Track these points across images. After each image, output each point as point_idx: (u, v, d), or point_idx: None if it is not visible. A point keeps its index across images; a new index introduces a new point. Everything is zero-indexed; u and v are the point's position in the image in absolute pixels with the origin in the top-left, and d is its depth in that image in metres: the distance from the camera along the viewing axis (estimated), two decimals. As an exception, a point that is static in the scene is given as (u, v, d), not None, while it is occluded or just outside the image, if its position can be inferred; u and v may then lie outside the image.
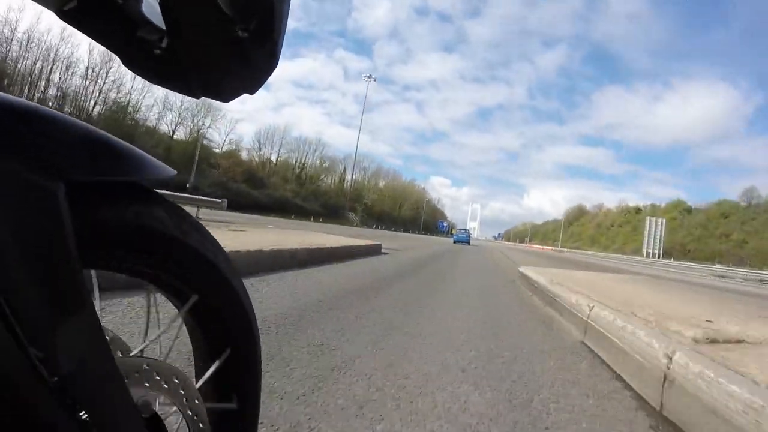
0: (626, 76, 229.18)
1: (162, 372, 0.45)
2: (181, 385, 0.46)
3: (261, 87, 0.46)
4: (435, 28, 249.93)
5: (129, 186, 0.41)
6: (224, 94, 0.46)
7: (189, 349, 0.56)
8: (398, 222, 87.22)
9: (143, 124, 49.84)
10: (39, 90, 41.01)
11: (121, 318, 1.76)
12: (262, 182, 60.11)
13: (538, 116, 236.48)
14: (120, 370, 0.36)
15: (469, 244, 32.38)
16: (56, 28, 39.95)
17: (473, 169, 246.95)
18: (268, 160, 68.77)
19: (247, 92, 0.47)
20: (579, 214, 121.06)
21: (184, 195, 14.40)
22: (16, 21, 38.86)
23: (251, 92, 0.47)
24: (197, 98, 0.45)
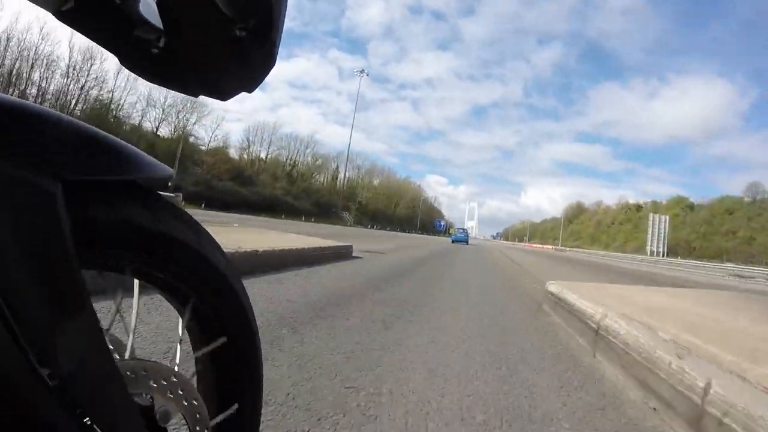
0: (622, 73, 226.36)
1: (162, 373, 0.44)
2: (181, 386, 0.45)
3: (259, 86, 0.46)
4: (430, 27, 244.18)
5: (127, 185, 0.40)
6: (222, 93, 0.46)
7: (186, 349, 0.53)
8: (394, 221, 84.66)
9: (126, 122, 47.47)
10: (18, 89, 38.62)
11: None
12: (251, 180, 57.61)
13: (534, 114, 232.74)
14: (120, 371, 0.36)
15: (468, 244, 32.27)
16: (36, 27, 37.69)
17: (470, 168, 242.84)
18: (258, 158, 66.26)
19: (246, 91, 0.47)
20: (578, 212, 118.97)
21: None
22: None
23: (249, 91, 0.47)
24: (195, 97, 0.45)
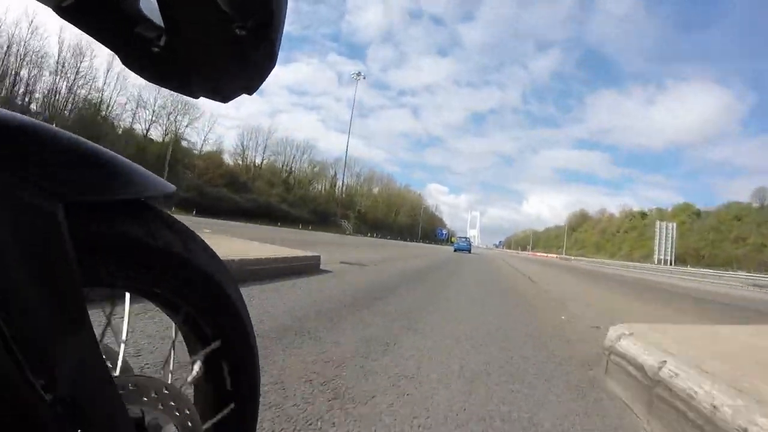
0: (620, 79, 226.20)
1: (153, 385, 0.45)
2: (173, 397, 0.46)
3: (259, 87, 0.46)
4: (429, 32, 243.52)
5: (128, 203, 0.41)
6: (223, 94, 0.46)
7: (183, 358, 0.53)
8: (394, 230, 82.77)
9: (118, 123, 46.01)
10: (5, 87, 37.32)
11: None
12: (246, 186, 55.96)
13: (533, 120, 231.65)
14: (117, 389, 0.37)
15: (470, 252, 32.51)
16: (24, 23, 36.48)
17: (470, 176, 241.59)
18: (253, 164, 64.63)
19: (246, 92, 0.46)
20: (582, 220, 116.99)
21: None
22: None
23: (250, 92, 0.46)
24: (196, 98, 0.45)
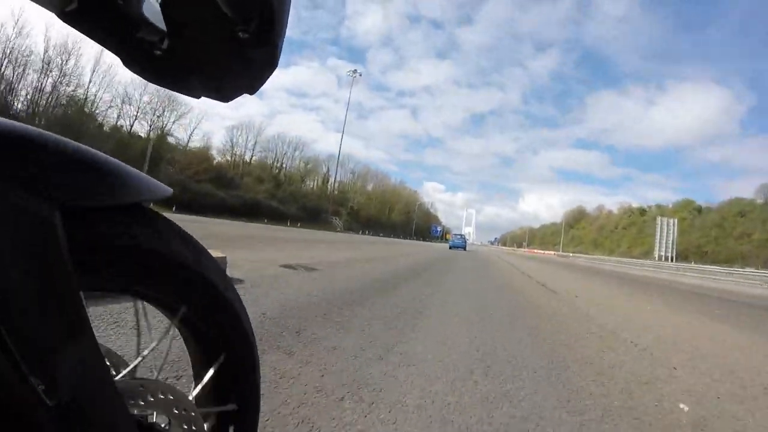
0: (619, 80, 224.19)
1: (157, 390, 0.45)
2: (177, 402, 0.46)
3: (261, 87, 0.46)
4: (428, 35, 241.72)
5: (125, 207, 0.41)
6: (224, 95, 0.46)
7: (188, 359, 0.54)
8: (387, 227, 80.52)
9: (103, 121, 43.47)
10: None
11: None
12: (233, 183, 53.53)
13: (533, 121, 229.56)
14: (118, 391, 0.36)
15: (465, 250, 33.17)
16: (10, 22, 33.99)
17: (468, 175, 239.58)
18: (242, 160, 62.25)
19: (248, 92, 0.47)
20: (579, 217, 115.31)
21: None
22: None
23: (251, 92, 0.47)
24: (197, 98, 0.45)
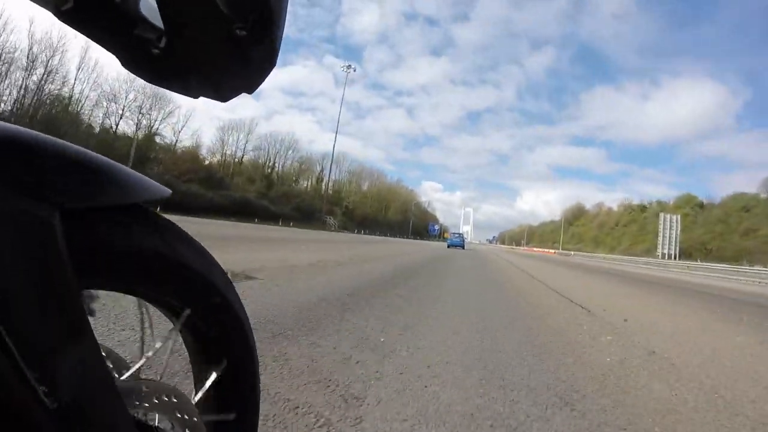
0: (615, 76, 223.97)
1: (160, 392, 0.45)
2: (179, 405, 0.46)
3: (259, 86, 0.46)
4: (424, 32, 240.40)
5: (125, 208, 0.41)
6: (223, 94, 0.46)
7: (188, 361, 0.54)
8: (384, 226, 78.90)
9: (88, 121, 41.67)
10: None
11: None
12: (222, 183, 51.77)
13: (529, 118, 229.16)
14: (120, 393, 0.36)
15: (464, 248, 32.94)
16: None
17: (465, 173, 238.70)
18: (233, 159, 60.49)
19: (246, 91, 0.47)
20: (579, 214, 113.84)
21: None
22: None
23: (250, 92, 0.47)
24: (195, 98, 0.45)
